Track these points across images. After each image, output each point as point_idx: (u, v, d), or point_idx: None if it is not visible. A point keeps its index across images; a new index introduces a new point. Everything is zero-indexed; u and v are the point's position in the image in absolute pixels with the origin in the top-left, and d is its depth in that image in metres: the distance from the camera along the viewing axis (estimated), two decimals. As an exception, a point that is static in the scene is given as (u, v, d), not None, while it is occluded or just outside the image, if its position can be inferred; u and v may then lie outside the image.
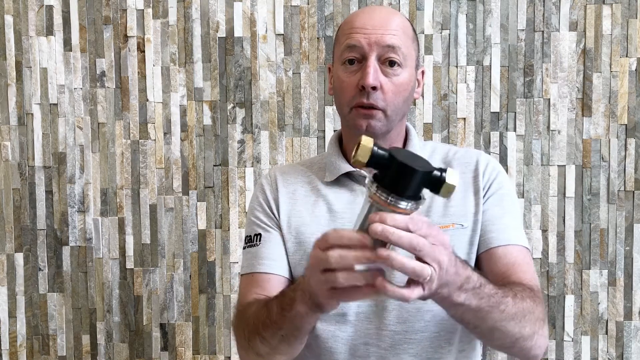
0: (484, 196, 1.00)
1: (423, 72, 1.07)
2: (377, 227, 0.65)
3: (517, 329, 0.83)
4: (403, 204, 0.67)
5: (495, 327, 0.81)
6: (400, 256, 0.65)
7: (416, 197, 0.68)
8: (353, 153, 0.69)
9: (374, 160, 0.68)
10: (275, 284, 0.99)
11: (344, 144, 1.08)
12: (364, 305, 0.97)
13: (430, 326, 0.96)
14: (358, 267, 0.68)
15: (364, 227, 0.68)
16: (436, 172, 0.68)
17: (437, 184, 0.68)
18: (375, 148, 0.68)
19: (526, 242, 1.00)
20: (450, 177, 0.68)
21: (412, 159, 0.69)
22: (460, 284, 0.74)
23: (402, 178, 0.66)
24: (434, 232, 0.68)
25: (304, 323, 0.82)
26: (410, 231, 0.65)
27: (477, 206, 1.00)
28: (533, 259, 1.72)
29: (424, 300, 0.73)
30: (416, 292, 0.67)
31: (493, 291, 0.80)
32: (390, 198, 0.66)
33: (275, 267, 1.00)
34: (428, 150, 1.08)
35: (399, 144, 1.06)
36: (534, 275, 0.97)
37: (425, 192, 0.70)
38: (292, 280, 1.02)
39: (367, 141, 0.69)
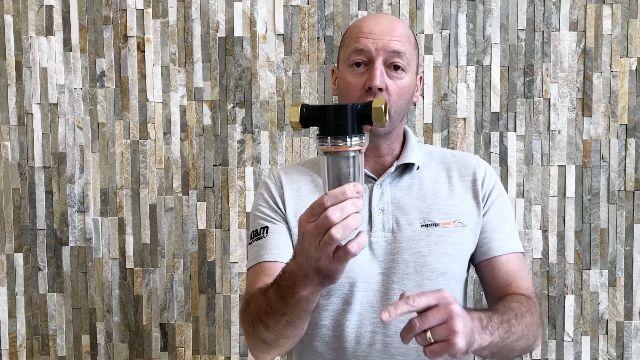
0: (484, 205, 1.08)
1: (421, 78, 1.14)
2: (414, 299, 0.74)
3: (525, 344, 0.93)
4: (348, 141, 0.73)
5: (511, 348, 0.90)
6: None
7: (358, 132, 0.74)
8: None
9: (307, 117, 0.77)
10: None
11: None
12: (368, 295, 1.02)
13: None
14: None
15: (335, 179, 0.74)
16: (362, 105, 0.76)
17: (367, 112, 0.75)
18: (304, 108, 0.77)
19: (522, 247, 1.09)
20: (375, 102, 0.75)
21: (339, 104, 0.76)
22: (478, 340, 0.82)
23: (336, 119, 0.74)
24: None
25: (309, 304, 0.86)
26: None
27: (477, 209, 1.07)
28: (533, 259, 1.74)
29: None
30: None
31: (501, 322, 0.88)
32: (333, 141, 0.73)
33: (282, 256, 1.04)
34: (425, 152, 1.14)
35: (398, 144, 1.11)
36: (530, 280, 1.07)
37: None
38: None
39: (295, 103, 0.77)
